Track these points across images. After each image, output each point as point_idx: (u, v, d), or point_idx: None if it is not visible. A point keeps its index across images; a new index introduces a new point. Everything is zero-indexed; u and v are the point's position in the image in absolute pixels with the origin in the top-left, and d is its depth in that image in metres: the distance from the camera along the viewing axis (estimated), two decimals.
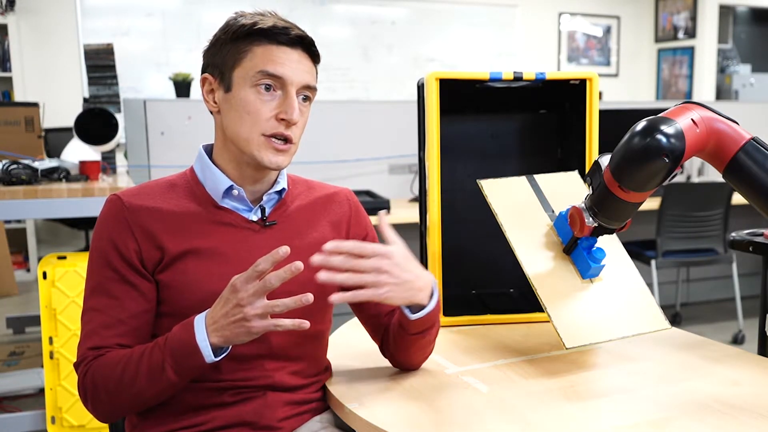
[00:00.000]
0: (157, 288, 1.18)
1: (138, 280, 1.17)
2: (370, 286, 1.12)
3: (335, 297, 1.10)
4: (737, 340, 3.98)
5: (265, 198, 1.25)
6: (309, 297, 1.05)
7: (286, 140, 1.19)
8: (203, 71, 1.24)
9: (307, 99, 1.22)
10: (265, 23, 1.17)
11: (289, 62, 1.17)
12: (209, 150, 1.27)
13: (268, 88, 1.17)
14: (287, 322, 1.06)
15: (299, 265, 1.04)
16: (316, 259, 1.09)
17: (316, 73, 1.24)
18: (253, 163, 1.21)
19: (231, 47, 1.18)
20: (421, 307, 1.20)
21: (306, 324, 1.07)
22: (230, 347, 1.12)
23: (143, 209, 1.19)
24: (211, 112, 1.24)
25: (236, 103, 1.18)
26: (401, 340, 1.27)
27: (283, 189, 1.28)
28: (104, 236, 1.19)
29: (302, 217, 1.29)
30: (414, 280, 1.16)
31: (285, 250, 1.04)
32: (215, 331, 1.08)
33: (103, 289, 1.17)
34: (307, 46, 1.20)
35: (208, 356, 1.08)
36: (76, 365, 1.16)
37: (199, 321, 1.09)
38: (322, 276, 1.09)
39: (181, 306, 1.16)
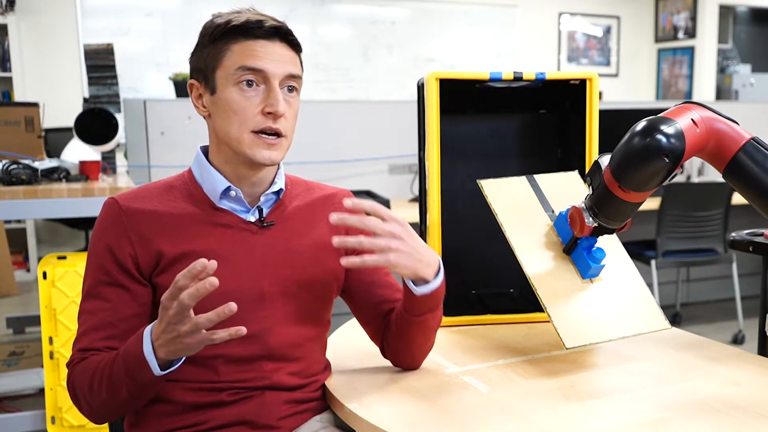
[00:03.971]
0: (155, 291, 1.18)
1: (131, 285, 1.17)
2: (380, 251, 1.12)
3: (345, 260, 1.10)
4: (737, 340, 3.98)
5: (262, 199, 1.25)
6: (232, 306, 0.99)
7: (277, 134, 1.19)
8: (190, 78, 1.24)
9: (293, 89, 1.21)
10: (238, 20, 1.17)
11: (267, 55, 1.17)
12: (207, 152, 1.27)
13: (250, 83, 1.17)
14: (222, 333, 1.01)
15: (214, 281, 0.98)
16: (334, 218, 1.10)
17: (300, 62, 1.23)
18: (247, 162, 1.20)
19: (210, 49, 1.18)
20: (426, 283, 1.20)
21: (243, 330, 1.01)
22: (183, 358, 1.09)
23: (140, 212, 1.19)
24: (203, 117, 1.24)
25: (222, 104, 1.18)
26: (405, 326, 1.25)
27: (281, 189, 1.27)
28: (101, 240, 1.19)
29: (300, 217, 1.29)
30: (422, 251, 1.17)
31: (213, 264, 0.99)
32: (160, 347, 1.05)
33: (96, 292, 1.17)
34: (284, 35, 1.20)
35: (155, 369, 1.06)
36: (67, 365, 1.18)
37: (147, 333, 1.07)
38: (335, 240, 1.10)
39: None
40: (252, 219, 1.24)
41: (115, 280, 1.17)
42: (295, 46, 1.22)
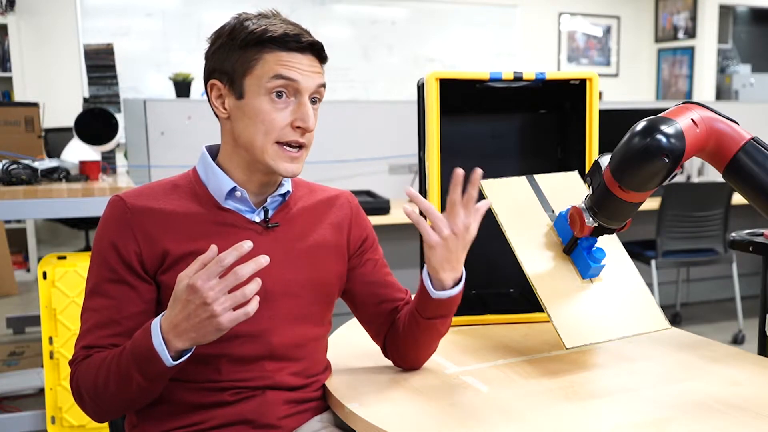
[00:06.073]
0: (159, 289, 1.18)
1: (136, 282, 1.17)
2: (439, 232, 1.17)
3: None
4: (737, 340, 3.98)
5: (269, 200, 1.25)
6: (266, 258, 1.02)
7: (300, 146, 1.19)
8: (210, 76, 1.21)
9: (316, 100, 1.22)
10: (275, 31, 1.15)
11: (301, 68, 1.17)
12: (213, 151, 1.27)
13: (280, 95, 1.16)
14: (254, 304, 1.02)
15: (266, 258, 1.02)
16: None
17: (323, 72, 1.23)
18: (266, 170, 1.20)
19: (240, 54, 1.16)
20: (443, 290, 1.22)
21: (256, 302, 1.03)
22: (194, 348, 1.08)
23: (146, 210, 1.19)
24: (217, 117, 1.23)
25: (250, 111, 1.17)
26: (413, 325, 1.27)
27: (288, 192, 1.28)
28: (105, 237, 1.19)
29: (304, 219, 1.29)
30: (459, 259, 1.21)
31: (249, 244, 1.02)
32: (179, 336, 1.04)
33: (101, 290, 1.17)
34: (317, 51, 1.20)
35: (167, 360, 1.05)
36: (70, 363, 1.17)
37: (155, 325, 1.06)
38: (407, 207, 1.18)
39: None
40: (257, 219, 1.24)
41: (120, 277, 1.16)
42: (324, 60, 1.22)
